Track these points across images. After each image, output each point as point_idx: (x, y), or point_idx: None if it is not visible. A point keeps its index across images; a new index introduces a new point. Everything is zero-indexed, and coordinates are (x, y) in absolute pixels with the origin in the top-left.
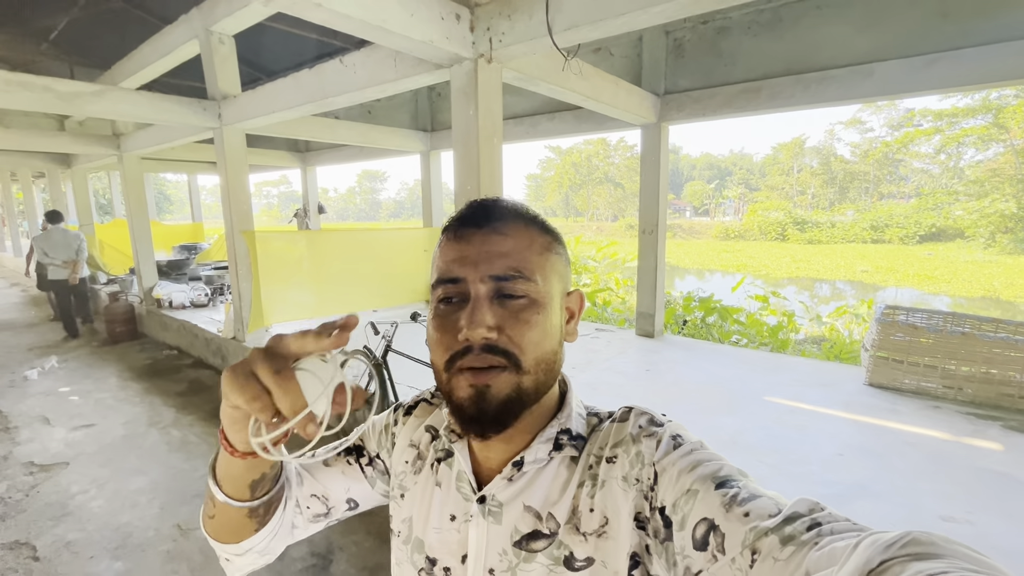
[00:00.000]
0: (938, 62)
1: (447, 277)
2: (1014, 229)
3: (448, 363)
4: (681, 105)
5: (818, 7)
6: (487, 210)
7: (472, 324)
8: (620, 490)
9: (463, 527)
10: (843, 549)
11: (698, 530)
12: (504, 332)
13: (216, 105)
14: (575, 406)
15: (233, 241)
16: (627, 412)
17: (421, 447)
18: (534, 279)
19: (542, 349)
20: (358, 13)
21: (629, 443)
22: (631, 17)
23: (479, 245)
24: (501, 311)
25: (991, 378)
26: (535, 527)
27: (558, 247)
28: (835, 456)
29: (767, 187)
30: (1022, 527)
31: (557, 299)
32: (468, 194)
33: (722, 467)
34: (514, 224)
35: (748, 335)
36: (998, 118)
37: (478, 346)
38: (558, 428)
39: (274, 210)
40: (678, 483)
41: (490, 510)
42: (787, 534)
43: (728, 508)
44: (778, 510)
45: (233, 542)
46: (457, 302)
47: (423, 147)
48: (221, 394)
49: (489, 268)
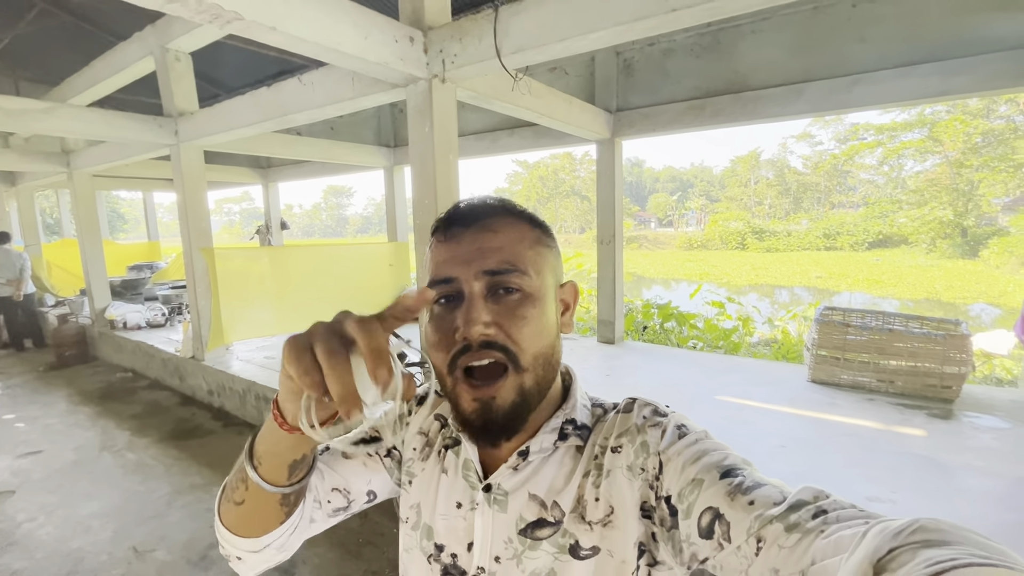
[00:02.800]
0: (859, 83)
1: (440, 278)
2: (952, 235)
3: (450, 364)
4: (632, 121)
5: (753, 32)
6: (474, 208)
7: (468, 322)
8: (625, 480)
9: (469, 515)
10: (850, 537)
11: (704, 519)
12: (501, 328)
13: (172, 122)
14: (580, 397)
15: (191, 259)
16: (631, 403)
17: (430, 434)
18: (528, 272)
19: (540, 343)
20: (313, 36)
21: (634, 433)
22: (572, 42)
23: (469, 243)
24: (496, 307)
25: (916, 371)
26: (540, 515)
27: (548, 240)
28: (778, 448)
29: (727, 198)
30: (939, 503)
31: (551, 292)
32: (426, 209)
33: (727, 456)
34: (503, 220)
35: (704, 339)
36: (933, 132)
37: (476, 343)
38: (563, 418)
39: (236, 227)
40: (683, 472)
41: (495, 498)
42: (792, 522)
43: (733, 497)
44: (783, 498)
45: (255, 535)
46: (452, 302)
47: (386, 162)
48: (281, 359)
49: (482, 264)
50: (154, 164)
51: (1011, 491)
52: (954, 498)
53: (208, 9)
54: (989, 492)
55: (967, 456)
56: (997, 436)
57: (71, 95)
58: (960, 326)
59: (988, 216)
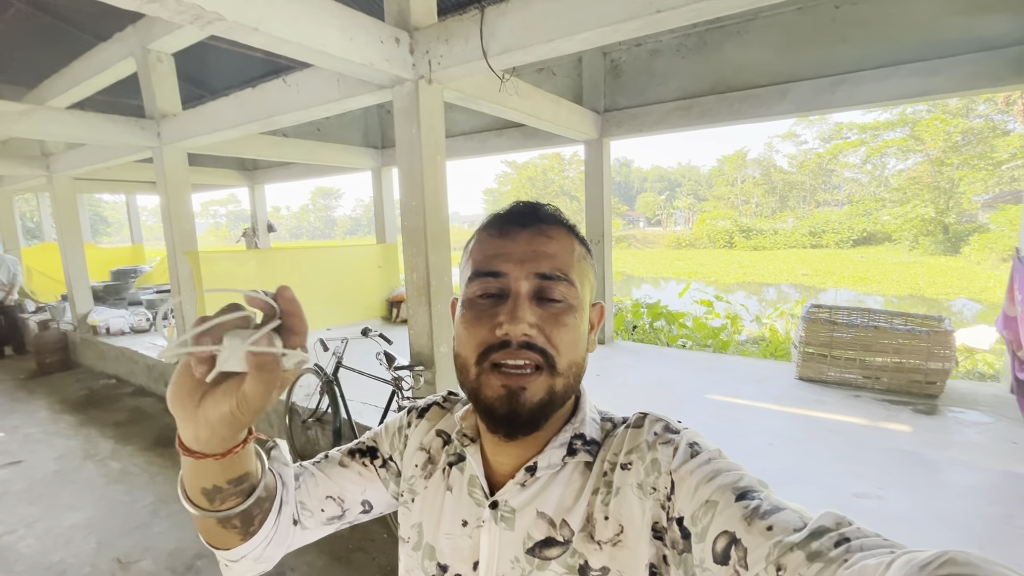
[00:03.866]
0: (843, 83)
1: (488, 270)
2: (933, 232)
3: (480, 356)
4: (620, 122)
5: (739, 32)
6: (535, 210)
7: (514, 319)
8: (635, 498)
9: (475, 533)
10: (874, 567)
11: (719, 543)
12: (542, 332)
13: (155, 124)
14: (589, 411)
15: (176, 263)
16: (641, 418)
17: (432, 451)
18: (574, 284)
19: (575, 353)
20: (296, 37)
21: (644, 450)
22: (558, 43)
23: (525, 244)
24: (540, 311)
25: (902, 367)
26: (549, 534)
27: (590, 258)
28: (766, 445)
29: (714, 197)
30: (924, 498)
31: (587, 308)
32: (413, 210)
33: (742, 477)
34: (558, 228)
35: (693, 338)
36: (914, 131)
37: (517, 342)
38: (572, 433)
39: (222, 230)
40: (697, 493)
41: (502, 516)
42: (814, 550)
43: (750, 521)
44: (803, 524)
45: (223, 549)
46: (495, 297)
47: (374, 164)
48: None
49: (536, 266)
50: (137, 167)
51: (994, 484)
52: (940, 493)
53: (188, 9)
54: (973, 486)
55: (952, 451)
56: (980, 430)
57: (50, 97)
58: (943, 322)
59: (968, 213)
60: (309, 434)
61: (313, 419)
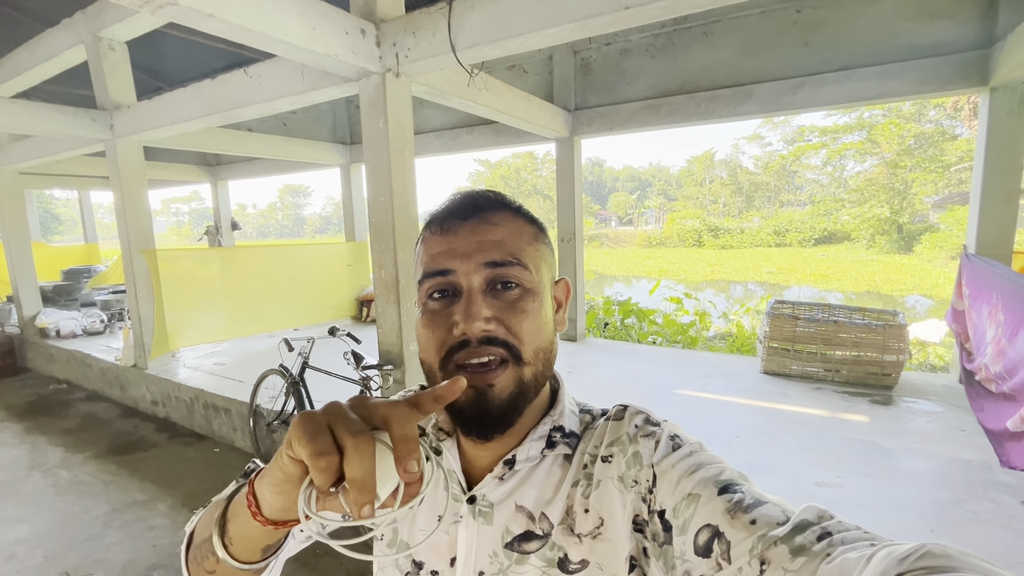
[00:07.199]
0: (804, 85)
1: (435, 270)
2: (889, 231)
3: (444, 360)
4: (590, 120)
5: (704, 34)
6: (473, 200)
7: (469, 317)
8: (616, 491)
9: (452, 528)
10: (856, 561)
11: (701, 536)
12: (502, 323)
13: (107, 115)
14: (567, 403)
15: (131, 261)
16: (622, 410)
17: None
18: (528, 267)
19: (540, 339)
20: (256, 25)
21: (626, 442)
22: (527, 38)
23: (469, 236)
24: (496, 302)
25: (860, 359)
26: (528, 528)
27: (544, 237)
28: (732, 438)
29: (683, 197)
30: (880, 485)
31: (548, 289)
32: (382, 206)
33: (723, 470)
34: (502, 213)
35: (664, 334)
36: (871, 134)
37: (476, 339)
38: (551, 425)
39: (184, 228)
40: (679, 487)
41: (480, 510)
42: (798, 544)
43: (733, 515)
44: (786, 518)
45: None
46: (448, 296)
47: (343, 160)
48: (287, 439)
49: (484, 256)
50: (90, 161)
51: (945, 470)
52: (895, 479)
53: None
54: (925, 472)
55: (906, 439)
56: (932, 419)
57: None
58: (897, 316)
59: (920, 213)
60: (275, 437)
61: (279, 422)
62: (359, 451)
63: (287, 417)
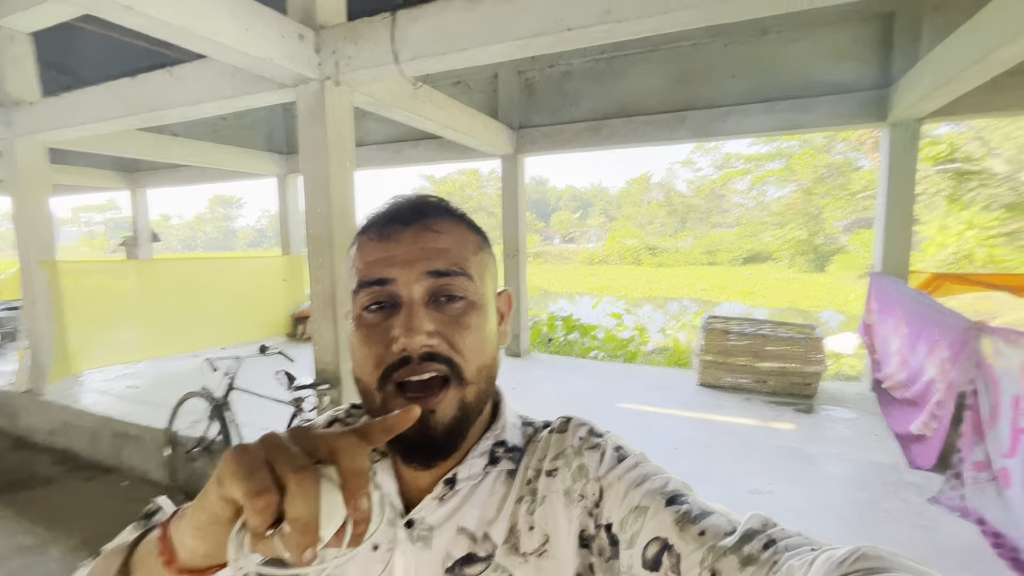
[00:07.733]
0: (732, 114)
1: (372, 279)
2: (806, 252)
3: (382, 379)
4: (534, 139)
5: (643, 61)
6: (415, 206)
7: (410, 331)
8: (562, 506)
9: (387, 556)
10: (799, 568)
11: (650, 549)
12: (444, 338)
13: (5, 112)
14: (509, 416)
15: (30, 274)
16: (565, 422)
17: None
18: (473, 278)
19: (484, 356)
20: (180, 21)
21: (571, 456)
22: (472, 53)
23: (410, 242)
24: (439, 315)
25: (785, 371)
26: (470, 550)
27: (488, 246)
28: (672, 450)
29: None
30: (807, 490)
31: (492, 301)
32: (319, 218)
33: (668, 481)
34: (446, 221)
35: (605, 349)
36: (789, 163)
37: (417, 355)
38: (493, 440)
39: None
40: (626, 499)
41: (419, 535)
42: (746, 554)
43: (682, 527)
44: (732, 527)
45: None
46: (386, 308)
47: (279, 170)
48: (216, 475)
49: (426, 265)
50: None
51: (862, 473)
52: (819, 484)
53: None
54: (846, 476)
55: (826, 445)
56: (848, 425)
57: None
58: (815, 330)
59: (832, 236)
60: (195, 466)
61: (200, 449)
62: (303, 488)
63: (209, 444)
